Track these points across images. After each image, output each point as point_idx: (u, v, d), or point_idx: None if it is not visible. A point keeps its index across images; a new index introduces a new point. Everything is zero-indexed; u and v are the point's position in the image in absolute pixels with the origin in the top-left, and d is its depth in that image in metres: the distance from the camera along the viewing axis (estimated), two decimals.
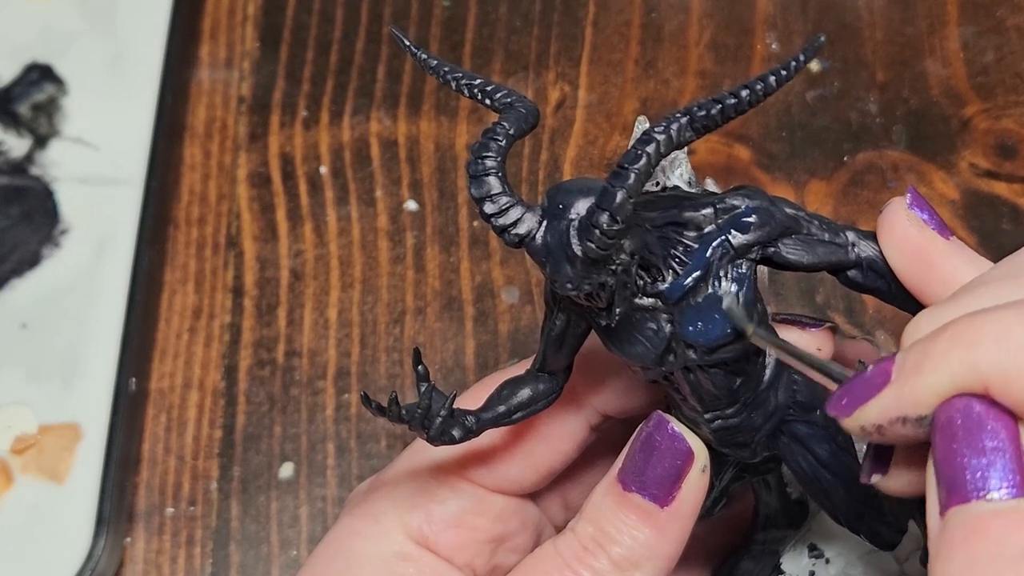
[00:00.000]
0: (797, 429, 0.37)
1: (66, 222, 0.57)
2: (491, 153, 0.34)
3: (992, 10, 0.61)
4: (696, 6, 0.62)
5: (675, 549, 0.37)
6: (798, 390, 0.37)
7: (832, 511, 0.38)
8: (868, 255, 0.36)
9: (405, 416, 0.37)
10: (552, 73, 0.61)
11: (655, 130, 0.32)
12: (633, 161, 0.32)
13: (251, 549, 0.53)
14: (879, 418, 0.31)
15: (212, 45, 0.62)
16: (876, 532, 0.38)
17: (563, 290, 0.33)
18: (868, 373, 0.32)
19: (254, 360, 0.56)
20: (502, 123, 0.34)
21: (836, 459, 0.37)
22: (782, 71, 0.33)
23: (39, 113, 0.59)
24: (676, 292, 0.34)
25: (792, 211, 0.36)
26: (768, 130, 0.59)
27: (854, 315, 0.55)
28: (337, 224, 0.58)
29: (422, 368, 0.38)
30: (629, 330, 0.35)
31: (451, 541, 0.40)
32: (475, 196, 0.34)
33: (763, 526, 0.44)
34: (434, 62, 0.36)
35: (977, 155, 0.58)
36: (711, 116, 0.33)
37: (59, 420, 0.53)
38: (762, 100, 0.33)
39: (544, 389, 0.39)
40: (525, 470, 0.41)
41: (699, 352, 0.35)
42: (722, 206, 0.35)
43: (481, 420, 0.38)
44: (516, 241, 0.34)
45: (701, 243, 0.35)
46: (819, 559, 0.45)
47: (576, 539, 0.37)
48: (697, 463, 0.37)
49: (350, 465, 0.54)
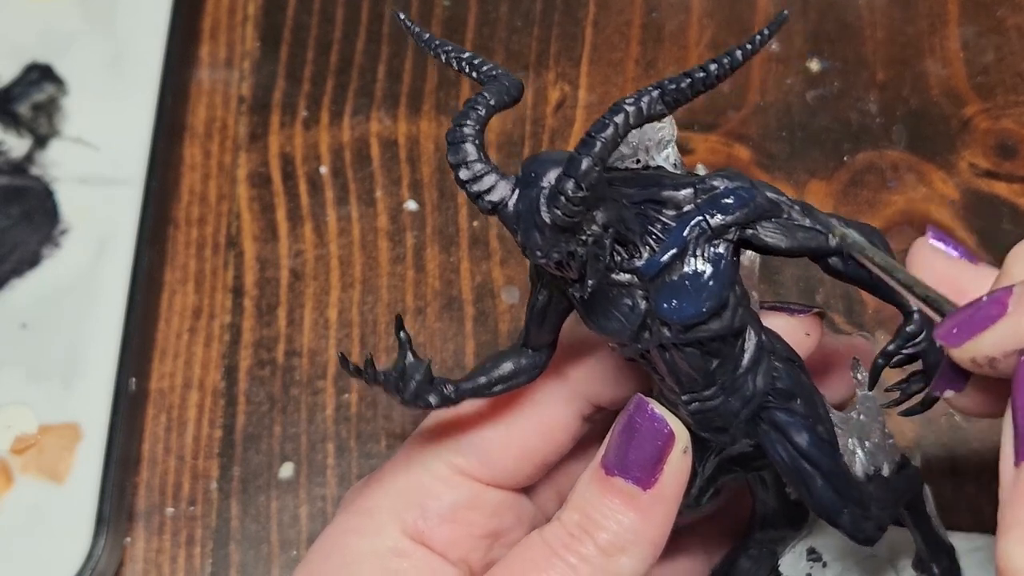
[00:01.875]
0: (777, 417, 0.37)
1: (66, 222, 0.57)
2: (470, 121, 0.35)
3: (992, 10, 0.61)
4: (696, 6, 0.62)
5: (660, 532, 0.37)
6: (778, 377, 0.37)
7: (811, 502, 0.38)
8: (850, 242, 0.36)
9: (380, 378, 0.38)
10: (552, 73, 0.61)
11: (626, 101, 0.33)
12: (600, 130, 0.33)
13: (251, 549, 0.53)
14: (994, 350, 0.31)
15: (212, 45, 0.62)
16: (858, 528, 0.38)
17: (533, 258, 0.34)
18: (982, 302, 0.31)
19: (254, 360, 0.56)
20: (483, 94, 0.35)
21: (816, 449, 0.37)
22: (747, 45, 0.34)
23: (39, 113, 0.59)
24: (652, 269, 0.35)
25: (774, 195, 0.36)
26: (768, 130, 0.59)
27: (854, 315, 0.55)
28: (337, 224, 0.58)
29: (403, 334, 0.39)
30: (606, 305, 0.36)
31: (446, 536, 0.40)
32: (451, 162, 0.34)
33: (761, 525, 0.44)
34: (427, 36, 0.37)
35: (977, 155, 0.58)
36: (681, 89, 0.34)
37: (59, 420, 0.53)
38: (729, 74, 0.34)
39: (526, 364, 0.39)
40: (519, 462, 0.41)
41: (674, 330, 0.35)
42: (702, 186, 0.36)
43: (460, 389, 0.39)
44: (489, 208, 0.34)
45: (679, 222, 0.35)
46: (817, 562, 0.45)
47: (562, 527, 0.38)
48: (678, 444, 0.37)
49: (350, 465, 0.54)
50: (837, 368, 0.42)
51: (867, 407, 0.40)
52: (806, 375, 0.38)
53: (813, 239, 0.36)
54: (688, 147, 0.59)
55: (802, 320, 0.39)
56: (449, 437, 0.41)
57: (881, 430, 0.40)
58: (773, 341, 0.37)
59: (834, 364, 0.42)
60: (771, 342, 0.37)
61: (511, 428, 0.41)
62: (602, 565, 0.37)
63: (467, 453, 0.41)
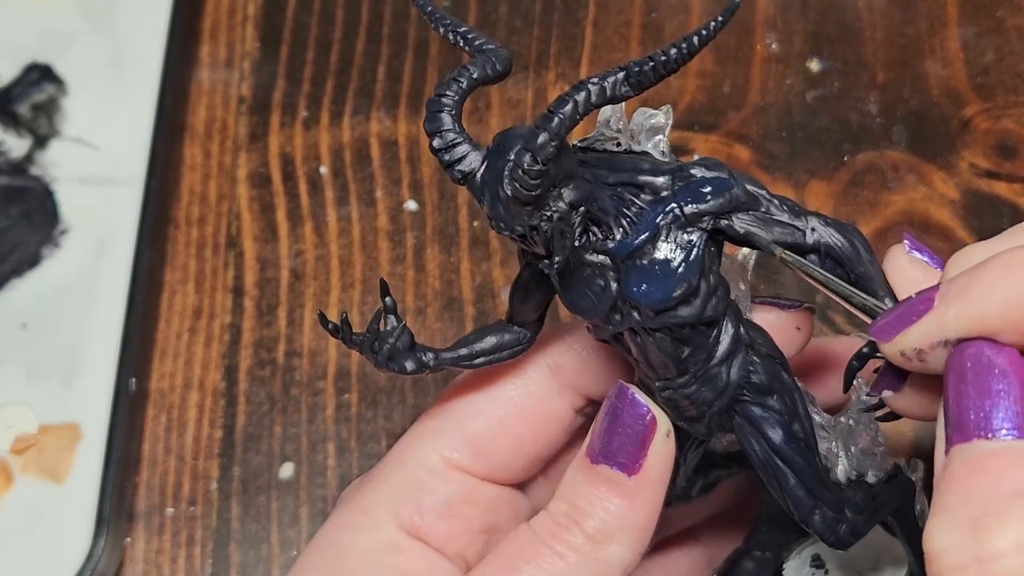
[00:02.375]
0: (751, 411, 0.37)
1: (66, 222, 0.57)
2: (450, 92, 0.35)
3: (992, 10, 0.61)
4: (696, 6, 0.62)
5: (647, 518, 0.38)
6: (754, 371, 0.37)
7: (782, 499, 0.38)
8: (827, 242, 0.37)
9: (356, 339, 0.39)
10: (552, 73, 0.61)
11: (591, 80, 0.34)
12: (560, 106, 0.33)
13: (251, 549, 0.53)
14: (921, 342, 0.32)
15: (212, 45, 0.62)
16: (829, 529, 0.38)
17: (498, 229, 0.34)
18: (912, 299, 0.33)
19: (254, 360, 0.56)
20: (467, 67, 0.35)
21: (789, 447, 0.37)
22: (702, 31, 0.34)
23: (39, 113, 0.59)
24: (623, 251, 0.35)
25: (752, 188, 0.36)
26: (768, 130, 0.59)
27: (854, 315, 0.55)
28: (337, 224, 0.58)
29: (389, 300, 0.39)
30: (580, 285, 0.36)
31: (442, 531, 0.40)
32: (427, 130, 0.35)
33: (765, 526, 0.44)
34: (429, 7, 0.37)
35: (977, 155, 0.58)
36: (644, 72, 0.34)
37: (59, 420, 0.53)
38: (689, 59, 0.34)
39: (510, 339, 0.40)
40: (512, 454, 0.41)
41: (643, 314, 0.36)
42: (680, 174, 0.36)
43: (440, 358, 0.40)
44: (459, 178, 0.35)
45: (654, 207, 0.36)
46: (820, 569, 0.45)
47: (550, 517, 0.38)
48: (660, 428, 0.37)
49: (350, 465, 0.54)
50: (835, 370, 0.42)
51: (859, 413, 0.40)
52: (787, 373, 0.38)
53: (791, 235, 0.36)
54: (688, 147, 0.59)
55: (792, 315, 0.39)
56: (443, 432, 0.41)
57: (872, 437, 0.40)
58: (754, 336, 0.37)
59: (832, 365, 0.42)
60: (751, 336, 0.37)
61: (504, 421, 0.41)
62: (591, 553, 0.37)
63: (461, 447, 0.41)
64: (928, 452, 0.53)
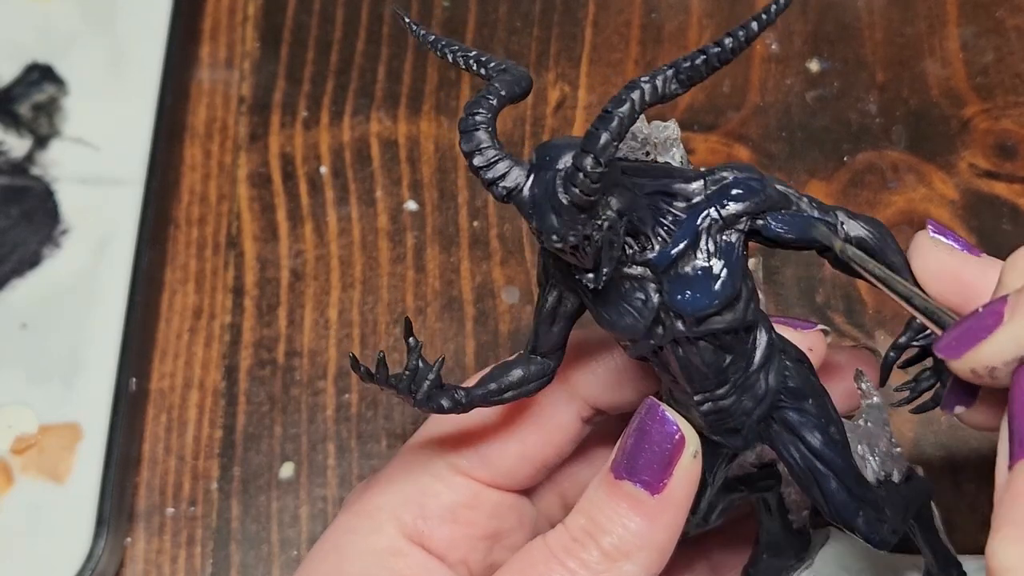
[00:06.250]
0: (788, 417, 0.37)
1: (66, 222, 0.57)
2: (482, 110, 0.34)
3: (992, 10, 0.61)
4: (696, 6, 0.62)
5: (667, 539, 0.37)
6: (789, 376, 0.37)
7: (824, 505, 0.38)
8: (857, 234, 0.37)
9: (392, 381, 0.38)
10: (552, 73, 0.61)
11: (642, 79, 0.33)
12: (618, 105, 0.33)
13: (251, 549, 0.53)
14: (993, 359, 0.31)
15: (212, 45, 0.62)
16: (874, 530, 0.38)
17: (550, 243, 0.34)
18: (979, 313, 0.32)
19: (254, 360, 0.56)
20: (495, 84, 0.35)
21: (829, 449, 0.37)
22: (762, 15, 0.33)
23: (39, 113, 0.59)
24: (664, 260, 0.35)
25: (782, 188, 0.36)
26: (768, 130, 0.59)
27: (854, 315, 0.55)
28: (337, 224, 0.58)
29: (413, 340, 0.38)
30: (618, 301, 0.36)
31: (446, 536, 0.40)
32: (465, 150, 0.34)
33: (764, 551, 0.43)
34: (432, 37, 0.37)
35: (977, 155, 0.58)
36: (696, 67, 0.33)
37: (59, 420, 0.53)
38: (744, 47, 0.33)
39: (535, 371, 0.39)
40: (518, 462, 0.41)
41: (688, 323, 0.35)
42: (712, 178, 0.36)
43: (471, 395, 0.39)
44: (504, 194, 0.34)
45: (690, 213, 0.35)
46: None
47: (566, 531, 0.37)
48: (688, 448, 0.36)
49: (350, 465, 0.54)
50: (839, 380, 0.41)
51: (873, 416, 0.40)
52: (815, 377, 0.38)
53: (822, 232, 0.36)
54: (688, 147, 0.59)
55: (806, 335, 0.39)
56: (449, 438, 0.41)
57: (888, 439, 0.40)
58: (783, 341, 0.37)
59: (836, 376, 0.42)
60: (781, 341, 0.37)
61: (510, 428, 0.41)
62: (605, 571, 0.36)
63: (467, 453, 0.41)
64: (928, 452, 0.53)
